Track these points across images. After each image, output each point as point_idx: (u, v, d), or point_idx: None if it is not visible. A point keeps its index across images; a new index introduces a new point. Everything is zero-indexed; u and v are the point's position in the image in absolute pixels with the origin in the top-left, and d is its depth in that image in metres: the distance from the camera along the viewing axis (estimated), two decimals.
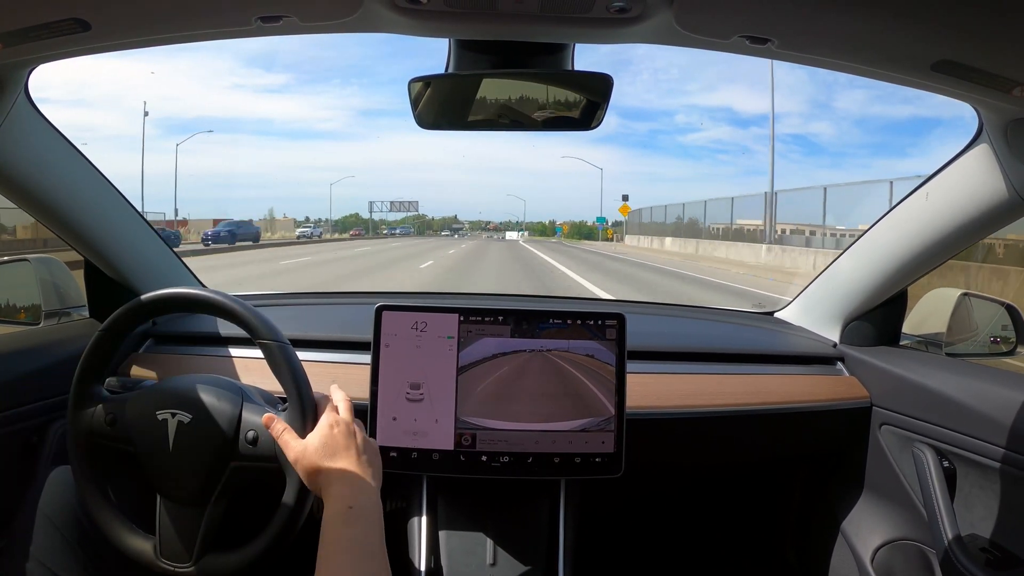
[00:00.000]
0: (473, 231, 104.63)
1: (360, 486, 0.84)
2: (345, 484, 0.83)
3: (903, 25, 0.75)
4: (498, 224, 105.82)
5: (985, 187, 1.10)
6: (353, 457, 0.86)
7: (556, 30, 0.88)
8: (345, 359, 1.33)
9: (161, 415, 0.94)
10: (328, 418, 0.90)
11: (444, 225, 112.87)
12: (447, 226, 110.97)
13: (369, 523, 0.81)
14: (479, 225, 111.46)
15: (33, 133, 1.11)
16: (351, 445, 0.87)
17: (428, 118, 1.02)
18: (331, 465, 0.85)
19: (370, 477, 0.86)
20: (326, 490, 0.84)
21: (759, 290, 11.69)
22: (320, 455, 0.86)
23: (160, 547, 0.95)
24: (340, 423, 0.89)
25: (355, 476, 0.84)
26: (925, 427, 1.27)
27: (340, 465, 0.85)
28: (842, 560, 1.43)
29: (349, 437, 0.88)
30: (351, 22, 0.84)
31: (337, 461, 0.85)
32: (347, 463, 0.85)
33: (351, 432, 0.89)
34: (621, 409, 1.15)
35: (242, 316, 0.94)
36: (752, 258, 19.95)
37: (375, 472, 0.88)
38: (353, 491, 0.83)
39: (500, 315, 1.15)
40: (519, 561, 1.18)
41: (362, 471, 0.85)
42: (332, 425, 0.89)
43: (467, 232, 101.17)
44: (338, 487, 0.83)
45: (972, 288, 2.04)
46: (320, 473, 0.85)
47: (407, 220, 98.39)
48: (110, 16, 0.81)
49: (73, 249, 1.35)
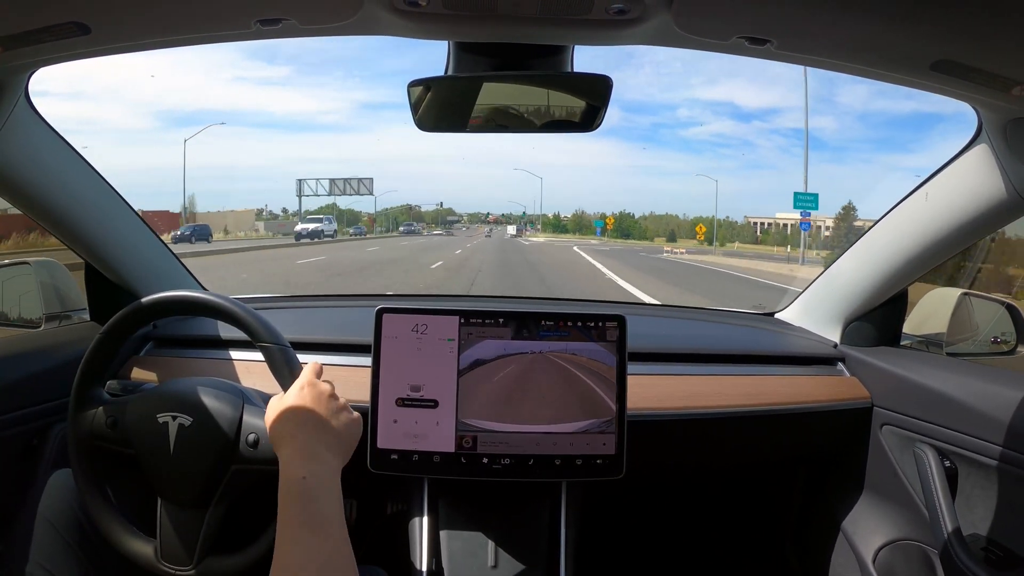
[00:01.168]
0: (472, 223, 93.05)
1: (315, 455, 0.78)
2: (298, 450, 0.78)
3: (902, 25, 0.75)
4: (499, 216, 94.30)
5: (984, 186, 1.10)
6: (316, 422, 0.81)
7: (555, 32, 0.88)
8: (346, 361, 1.33)
9: (162, 418, 0.94)
10: (304, 378, 0.86)
11: (438, 218, 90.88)
12: (441, 219, 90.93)
13: (325, 497, 0.76)
14: (478, 218, 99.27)
15: (33, 136, 1.11)
16: (318, 409, 0.82)
17: (428, 121, 1.02)
18: (288, 425, 0.81)
19: (330, 449, 0.80)
20: (279, 451, 0.80)
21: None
22: (282, 411, 0.82)
23: (161, 550, 0.95)
24: (314, 386, 0.85)
25: (312, 443, 0.79)
26: (926, 427, 1.27)
27: (299, 428, 0.80)
28: (844, 561, 1.43)
29: (314, 399, 0.83)
30: (350, 25, 0.84)
31: (297, 422, 0.81)
32: (308, 428, 0.81)
33: (317, 395, 0.84)
34: (622, 411, 1.15)
35: (243, 319, 0.94)
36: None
37: (341, 446, 0.82)
38: (306, 460, 0.77)
39: (501, 317, 1.15)
40: (520, 563, 1.17)
41: (321, 440, 0.80)
42: (304, 386, 0.84)
43: (465, 226, 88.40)
44: (290, 451, 0.78)
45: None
46: (275, 429, 0.81)
47: (362, 215, 66.49)
48: (110, 20, 0.81)
49: (73, 252, 1.35)
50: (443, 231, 69.05)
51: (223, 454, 0.93)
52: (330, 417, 0.83)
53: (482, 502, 1.22)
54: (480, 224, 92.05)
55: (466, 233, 63.36)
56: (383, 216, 75.52)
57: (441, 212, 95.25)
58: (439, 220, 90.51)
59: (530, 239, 49.05)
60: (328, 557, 0.72)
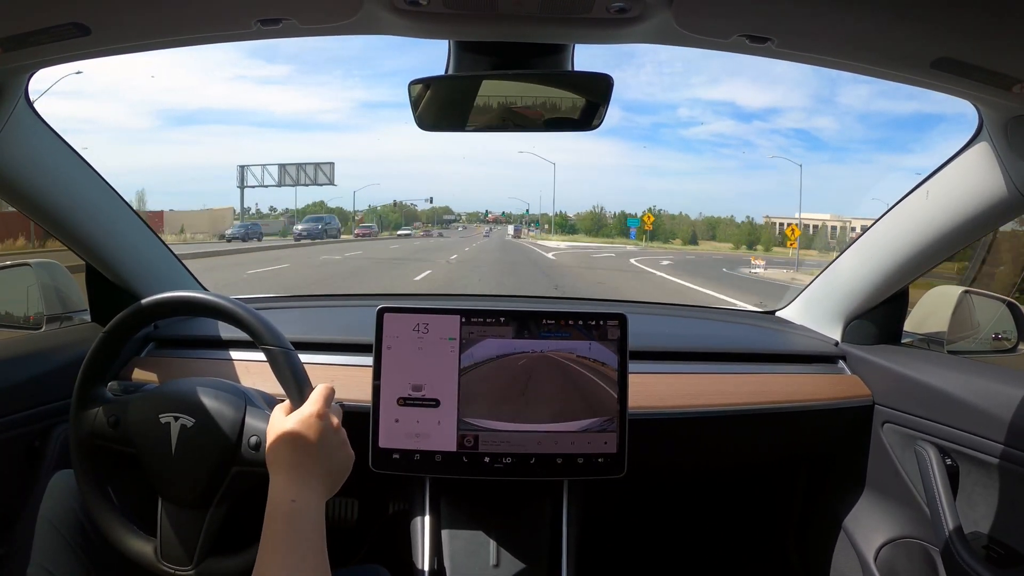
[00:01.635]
0: (470, 223, 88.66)
1: (305, 482, 0.80)
2: (293, 478, 0.80)
3: (902, 23, 0.75)
4: (499, 215, 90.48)
5: (985, 184, 1.10)
6: (316, 455, 0.82)
7: (556, 31, 0.88)
8: (347, 361, 1.33)
9: (164, 418, 0.94)
10: (312, 407, 0.86)
11: (434, 217, 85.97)
12: (437, 218, 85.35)
13: (309, 524, 0.78)
14: (476, 217, 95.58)
15: (33, 137, 1.11)
16: (322, 443, 0.83)
17: (429, 120, 1.02)
18: (288, 450, 0.82)
19: (320, 480, 0.82)
20: (273, 472, 0.81)
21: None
22: (286, 435, 0.83)
23: (161, 549, 0.95)
24: (320, 416, 0.86)
25: (304, 471, 0.81)
26: (927, 425, 1.27)
27: (298, 456, 0.82)
28: (845, 559, 1.43)
29: (319, 432, 0.84)
30: (351, 24, 0.84)
31: (298, 451, 0.82)
32: (308, 458, 0.82)
33: (323, 429, 0.85)
34: (623, 409, 1.15)
35: (246, 321, 0.94)
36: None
37: (330, 481, 0.84)
38: (298, 486, 0.79)
39: (502, 316, 1.15)
40: (522, 562, 1.18)
41: (315, 472, 0.82)
42: (313, 416, 0.85)
43: (463, 225, 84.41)
44: (285, 476, 0.80)
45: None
46: (274, 450, 0.83)
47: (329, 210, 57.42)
48: (110, 21, 0.81)
49: (74, 253, 1.35)
50: (420, 232, 63.11)
51: (225, 456, 0.93)
52: (330, 453, 0.85)
53: (484, 501, 1.23)
54: (479, 224, 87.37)
55: (461, 234, 58.24)
56: (371, 214, 71.81)
57: (437, 211, 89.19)
58: (435, 219, 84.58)
59: (542, 244, 39.41)
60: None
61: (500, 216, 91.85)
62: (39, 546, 1.01)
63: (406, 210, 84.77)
